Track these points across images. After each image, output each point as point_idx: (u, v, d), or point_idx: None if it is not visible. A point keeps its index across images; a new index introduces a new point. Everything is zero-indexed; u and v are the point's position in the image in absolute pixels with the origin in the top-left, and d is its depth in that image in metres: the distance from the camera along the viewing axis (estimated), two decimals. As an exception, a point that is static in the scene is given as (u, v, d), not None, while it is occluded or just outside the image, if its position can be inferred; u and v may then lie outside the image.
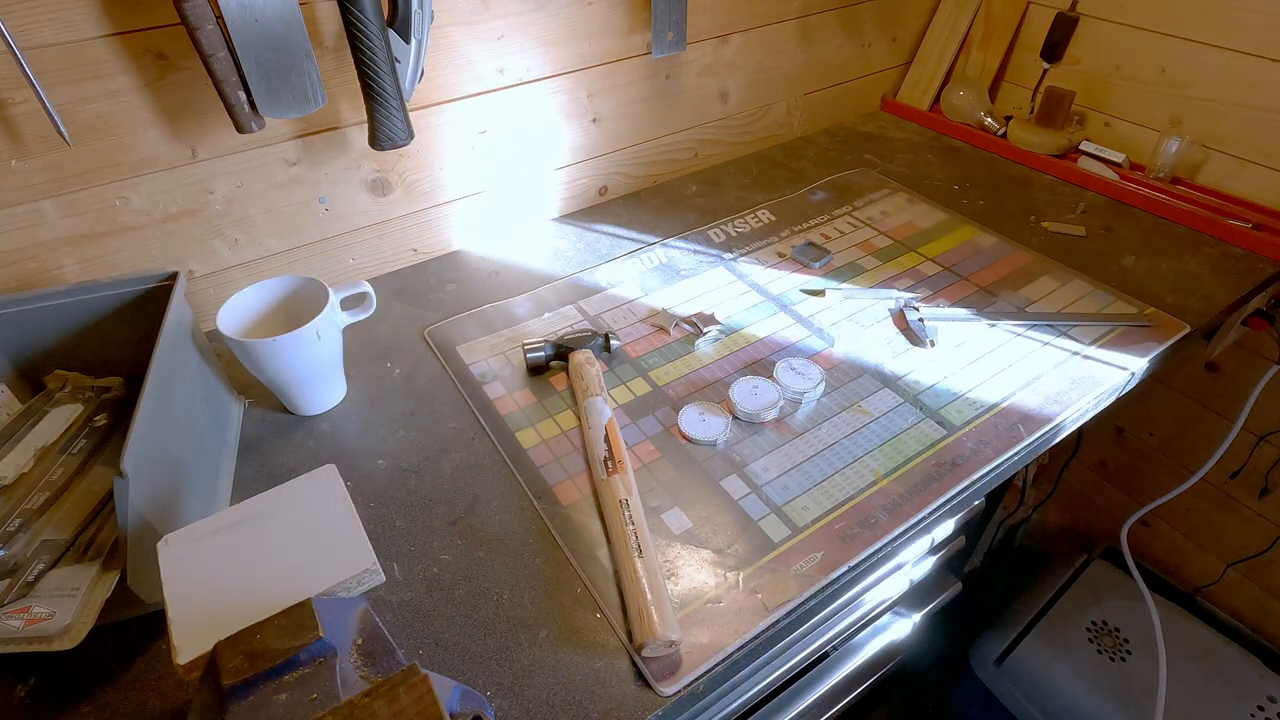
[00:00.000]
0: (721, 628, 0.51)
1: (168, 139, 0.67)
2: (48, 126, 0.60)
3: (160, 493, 0.48)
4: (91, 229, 0.68)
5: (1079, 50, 1.05)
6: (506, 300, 0.82)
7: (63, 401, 0.60)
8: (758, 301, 0.81)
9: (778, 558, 0.55)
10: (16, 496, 0.51)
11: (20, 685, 0.49)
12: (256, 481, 0.62)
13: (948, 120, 1.14)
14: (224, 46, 0.59)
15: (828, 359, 0.73)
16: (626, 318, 0.79)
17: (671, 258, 0.88)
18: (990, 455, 0.63)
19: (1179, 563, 1.26)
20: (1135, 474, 1.26)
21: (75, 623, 0.45)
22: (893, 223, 0.93)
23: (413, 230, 0.87)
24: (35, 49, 0.58)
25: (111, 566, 0.49)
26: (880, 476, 0.61)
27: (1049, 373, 0.70)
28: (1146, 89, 1.01)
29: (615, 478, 0.58)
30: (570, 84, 0.88)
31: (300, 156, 0.75)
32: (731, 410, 0.66)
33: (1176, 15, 0.95)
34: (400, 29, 0.68)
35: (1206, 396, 1.10)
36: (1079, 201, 0.97)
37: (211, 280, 0.77)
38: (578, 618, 0.52)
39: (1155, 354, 0.72)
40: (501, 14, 0.78)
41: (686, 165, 1.06)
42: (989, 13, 1.13)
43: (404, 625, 0.52)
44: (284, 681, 0.32)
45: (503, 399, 0.69)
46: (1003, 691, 1.11)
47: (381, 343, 0.77)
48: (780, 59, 1.05)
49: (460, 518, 0.59)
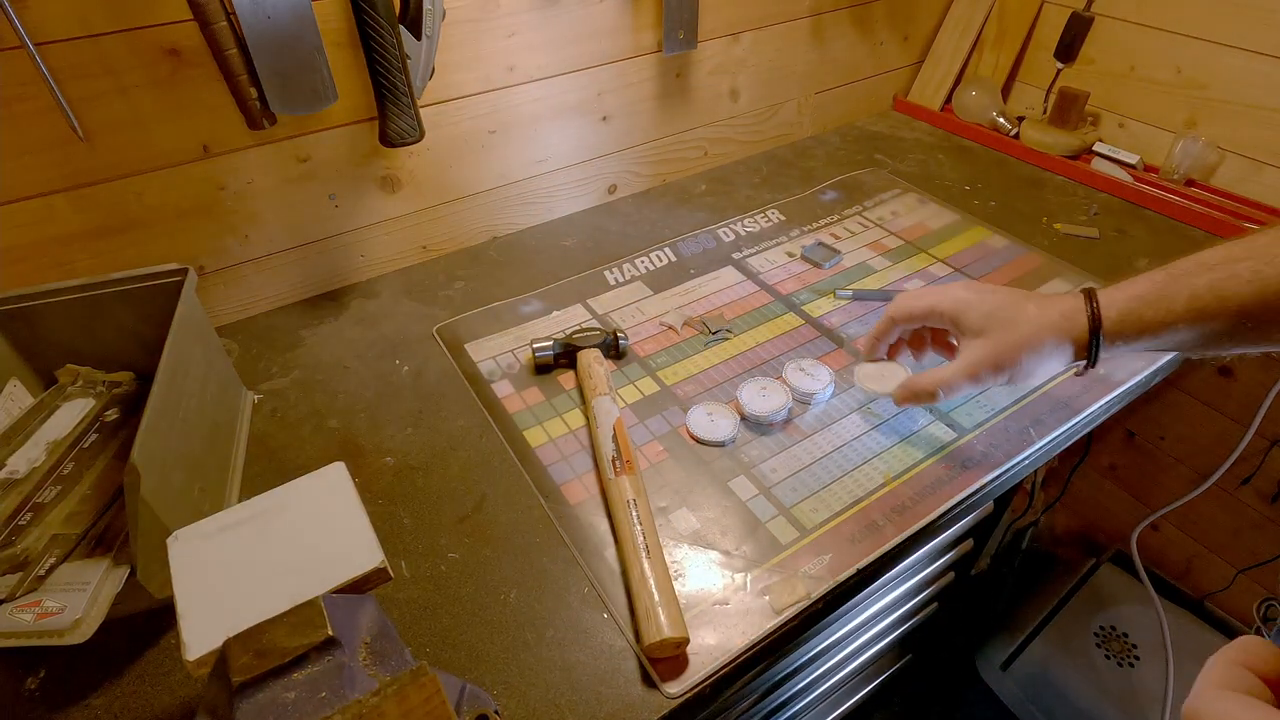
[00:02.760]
0: (729, 629, 0.51)
1: (180, 135, 0.67)
2: (61, 122, 0.61)
3: (170, 487, 0.48)
4: (103, 224, 0.68)
5: (1094, 50, 1.04)
6: (515, 298, 0.82)
7: (74, 396, 0.61)
8: (767, 301, 0.81)
9: (786, 560, 0.55)
10: (28, 490, 0.51)
11: (31, 677, 0.49)
12: (265, 477, 0.62)
13: (960, 120, 1.13)
14: (236, 43, 0.60)
15: (837, 360, 0.72)
16: (635, 317, 0.79)
17: (680, 257, 0.88)
18: (1000, 459, 0.62)
19: (1188, 568, 1.25)
20: (1145, 478, 1.25)
21: (86, 617, 0.45)
22: (903, 223, 0.93)
23: (422, 227, 0.87)
24: (49, 44, 0.58)
25: (122, 561, 0.49)
26: (890, 479, 0.61)
27: (1061, 375, 0.70)
28: (1162, 90, 1.00)
29: (623, 478, 0.58)
30: (580, 82, 0.88)
31: (311, 153, 0.75)
32: (740, 411, 0.66)
33: (1193, 15, 0.94)
34: (412, 26, 0.68)
35: (1219, 401, 1.09)
36: (1092, 203, 0.96)
37: (222, 276, 0.77)
38: (585, 618, 0.52)
39: (1168, 357, 0.71)
40: (512, 11, 0.78)
41: (696, 164, 1.06)
42: (1002, 12, 1.12)
43: (412, 623, 0.52)
44: (293, 679, 0.32)
45: (510, 397, 0.69)
46: (1009, 696, 1.11)
47: (390, 340, 0.77)
48: (791, 57, 1.05)
49: (468, 516, 0.59)
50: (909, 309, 0.60)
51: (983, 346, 0.55)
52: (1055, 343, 0.53)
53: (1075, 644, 1.10)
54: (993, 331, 0.54)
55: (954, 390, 0.57)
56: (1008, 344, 0.54)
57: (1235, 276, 0.47)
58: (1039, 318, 0.53)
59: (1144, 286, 0.51)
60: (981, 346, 0.55)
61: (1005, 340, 0.54)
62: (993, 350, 0.54)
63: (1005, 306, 0.55)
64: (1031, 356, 0.54)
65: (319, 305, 0.83)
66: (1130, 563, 1.19)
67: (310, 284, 0.83)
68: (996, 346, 0.54)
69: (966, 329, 0.56)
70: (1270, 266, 0.46)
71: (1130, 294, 0.51)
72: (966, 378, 0.56)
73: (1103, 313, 0.52)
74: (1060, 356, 0.54)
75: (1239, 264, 0.48)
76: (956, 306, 0.56)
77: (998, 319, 0.54)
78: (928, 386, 0.58)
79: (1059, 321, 0.53)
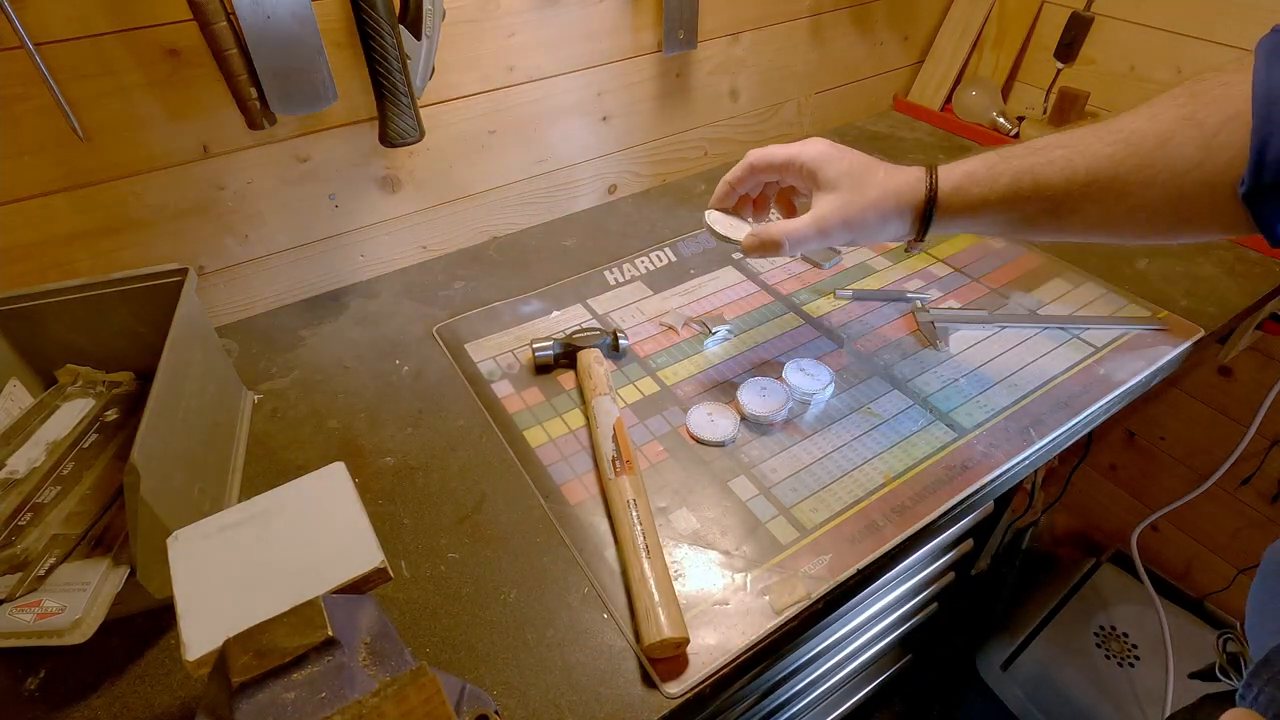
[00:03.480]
0: (729, 629, 0.51)
1: (180, 135, 0.67)
2: (61, 122, 0.61)
3: (170, 487, 0.48)
4: (103, 224, 0.68)
5: (1093, 50, 1.04)
6: (515, 298, 0.82)
7: (74, 396, 0.61)
8: (767, 301, 0.81)
9: (786, 560, 0.55)
10: (28, 491, 0.51)
11: (31, 677, 0.49)
12: (265, 477, 0.62)
13: (960, 120, 1.13)
14: (236, 43, 0.59)
15: (837, 360, 0.72)
16: (635, 317, 0.79)
17: (680, 257, 0.88)
18: (1001, 459, 0.62)
19: (1188, 568, 1.25)
20: (1146, 478, 1.25)
21: (86, 617, 0.45)
22: (903, 223, 0.93)
23: (422, 227, 0.87)
24: (49, 44, 0.58)
25: (122, 561, 0.49)
26: (890, 479, 0.61)
27: (1060, 376, 0.70)
28: (1162, 90, 0.99)
29: (623, 478, 0.58)
30: (580, 82, 0.88)
31: (311, 153, 0.75)
32: (740, 411, 0.66)
33: (1192, 15, 0.94)
34: (412, 26, 0.68)
35: (1219, 401, 1.09)
36: (1092, 203, 0.96)
37: (222, 276, 0.77)
38: (585, 618, 0.52)
39: (1168, 358, 0.71)
40: (512, 11, 0.78)
41: (696, 164, 1.06)
42: (1002, 12, 1.12)
43: (411, 624, 0.52)
44: (292, 680, 0.32)
45: (510, 397, 0.69)
46: (1009, 696, 1.11)
47: (390, 340, 0.77)
48: (791, 57, 1.05)
49: (468, 516, 0.59)
50: (769, 157, 0.60)
51: (833, 202, 0.56)
52: (896, 208, 0.55)
53: (1075, 644, 1.10)
54: (844, 189, 0.56)
55: (800, 241, 0.57)
56: (857, 203, 0.55)
57: (1051, 163, 0.50)
58: (886, 182, 0.55)
59: (976, 164, 0.53)
60: (832, 202, 0.56)
61: (855, 199, 0.55)
62: (842, 206, 0.55)
63: (859, 167, 0.56)
64: (875, 217, 0.55)
65: (319, 305, 0.82)
66: (1130, 563, 1.19)
67: (310, 284, 0.83)
68: (847, 204, 0.55)
69: (822, 183, 0.57)
70: (1080, 156, 0.49)
71: (964, 170, 0.53)
72: (815, 230, 0.57)
73: (939, 187, 0.54)
74: (900, 222, 0.56)
75: (1056, 150, 0.50)
76: (817, 160, 0.57)
77: (851, 177, 0.56)
78: (775, 236, 0.58)
79: (902, 188, 0.55)
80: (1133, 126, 0.47)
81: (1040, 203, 0.50)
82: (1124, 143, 0.47)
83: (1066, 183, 0.49)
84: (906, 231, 0.57)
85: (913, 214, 0.55)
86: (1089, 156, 0.48)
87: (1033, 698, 1.08)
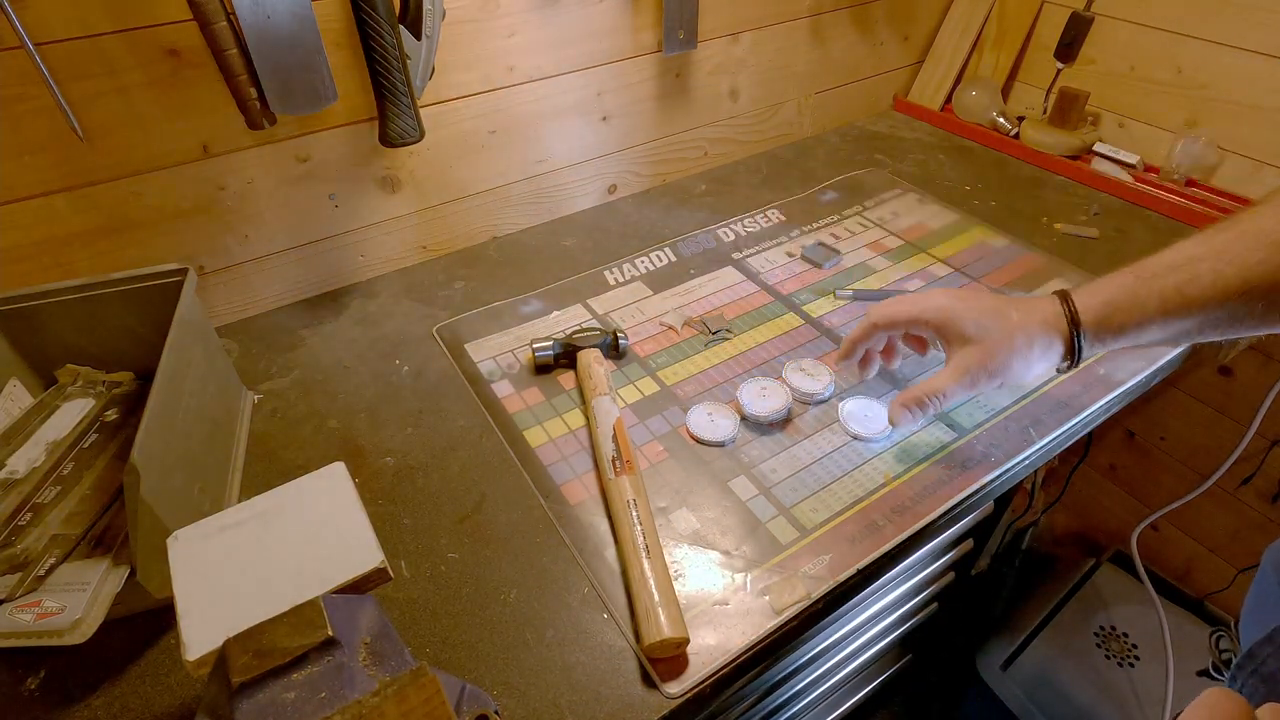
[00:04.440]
0: (729, 629, 0.51)
1: (180, 135, 0.67)
2: (61, 122, 0.61)
3: (170, 487, 0.48)
4: (103, 224, 0.68)
5: (1094, 50, 1.04)
6: (515, 298, 0.82)
7: (74, 396, 0.61)
8: (767, 302, 0.81)
9: (786, 560, 0.55)
10: (28, 491, 0.51)
11: (31, 677, 0.49)
12: (265, 477, 0.62)
13: (960, 120, 1.13)
14: (236, 43, 0.59)
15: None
16: (635, 317, 0.79)
17: (680, 257, 0.88)
18: (1001, 459, 0.62)
19: (1188, 568, 1.25)
20: (1145, 478, 1.25)
21: (86, 617, 0.45)
22: (903, 223, 0.93)
23: (422, 227, 0.87)
24: (49, 44, 0.58)
25: (121, 561, 0.49)
26: (890, 479, 0.61)
27: (1060, 376, 0.70)
28: (1162, 90, 1.00)
29: (623, 478, 0.58)
30: (580, 82, 0.88)
31: (311, 153, 0.75)
32: (740, 411, 0.66)
33: (1193, 15, 0.94)
34: (412, 26, 0.68)
35: (1219, 401, 1.09)
36: (1092, 203, 0.96)
37: (222, 276, 0.77)
38: (585, 618, 0.52)
39: (1168, 357, 0.71)
40: (512, 11, 0.78)
41: (696, 164, 1.06)
42: (1002, 12, 1.12)
43: (411, 623, 0.52)
44: (292, 680, 0.32)
45: (510, 397, 0.69)
46: (1009, 696, 1.11)
47: (390, 340, 0.77)
48: (791, 57, 1.05)
49: (468, 516, 0.59)
50: (891, 315, 0.60)
51: (974, 355, 0.56)
52: (1042, 351, 0.55)
53: (1075, 644, 1.10)
54: (983, 340, 0.55)
55: (948, 397, 0.57)
56: (1000, 354, 0.55)
57: (1198, 278, 0.50)
58: (1024, 325, 0.55)
59: (1114, 291, 0.53)
60: (973, 355, 0.56)
61: (996, 350, 0.55)
62: (984, 358, 0.55)
63: (989, 315, 0.56)
64: (1021, 364, 0.55)
65: (319, 305, 0.82)
66: (1130, 563, 1.19)
67: (310, 284, 0.83)
68: (988, 355, 0.55)
69: (954, 339, 0.57)
70: (1230, 266, 0.49)
71: (1103, 299, 0.53)
72: (962, 388, 0.56)
73: (1080, 317, 0.54)
74: (1045, 361, 0.56)
75: (1200, 264, 0.50)
76: (941, 315, 0.57)
77: (984, 328, 0.56)
78: (920, 395, 0.58)
79: (1043, 328, 0.55)
80: (1272, 227, 0.48)
81: (1196, 317, 0.50)
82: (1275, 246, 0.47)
83: (1223, 294, 0.49)
84: (1054, 365, 0.56)
85: (1061, 348, 0.55)
86: (1239, 266, 0.48)
87: (1033, 698, 1.08)
